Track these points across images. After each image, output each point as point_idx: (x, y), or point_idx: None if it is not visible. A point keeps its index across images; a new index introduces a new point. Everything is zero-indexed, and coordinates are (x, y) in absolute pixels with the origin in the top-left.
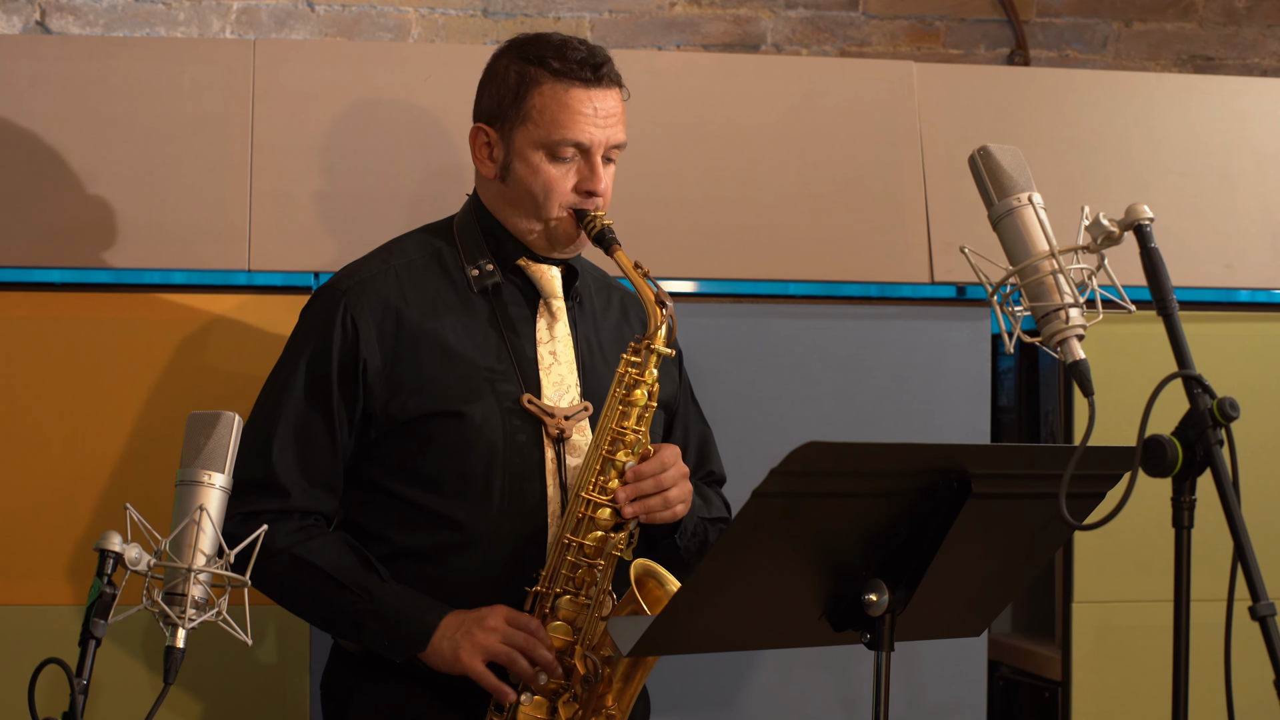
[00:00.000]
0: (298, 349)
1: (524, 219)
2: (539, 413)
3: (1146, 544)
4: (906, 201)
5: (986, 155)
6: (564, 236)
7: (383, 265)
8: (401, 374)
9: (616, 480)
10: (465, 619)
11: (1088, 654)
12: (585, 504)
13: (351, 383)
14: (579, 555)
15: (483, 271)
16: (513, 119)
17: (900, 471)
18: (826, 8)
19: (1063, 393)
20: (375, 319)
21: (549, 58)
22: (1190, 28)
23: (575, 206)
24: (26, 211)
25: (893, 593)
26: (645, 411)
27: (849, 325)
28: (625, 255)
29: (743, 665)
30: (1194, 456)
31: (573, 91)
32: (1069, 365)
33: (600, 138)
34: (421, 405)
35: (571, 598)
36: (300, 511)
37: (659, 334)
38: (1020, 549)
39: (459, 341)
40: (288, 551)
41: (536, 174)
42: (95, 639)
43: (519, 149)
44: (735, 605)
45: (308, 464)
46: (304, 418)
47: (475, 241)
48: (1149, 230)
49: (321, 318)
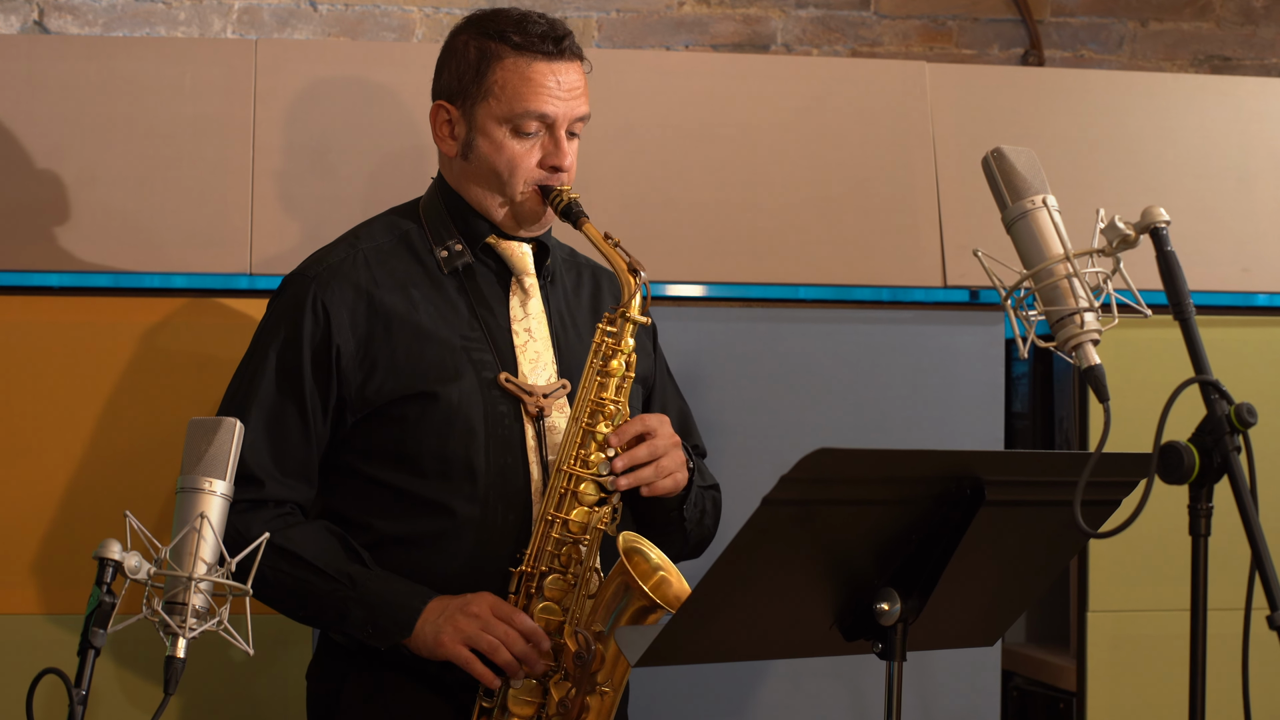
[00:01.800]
0: (267, 339)
1: (489, 196)
2: (517, 391)
3: (1163, 552)
4: (919, 204)
5: (1000, 157)
6: (530, 213)
7: (350, 250)
8: (375, 357)
9: (598, 453)
10: (449, 604)
11: (1103, 664)
12: (567, 479)
13: (325, 370)
14: (563, 531)
15: (451, 252)
16: (474, 95)
17: (912, 478)
18: (837, 7)
19: (1078, 398)
20: (346, 304)
21: (509, 32)
22: (1207, 27)
23: (541, 183)
24: (24, 215)
25: (905, 602)
26: (623, 382)
27: (860, 330)
28: (594, 227)
29: (752, 676)
30: (1211, 463)
31: (535, 65)
32: (1084, 370)
33: (564, 110)
34: (397, 387)
35: (558, 576)
36: (275, 501)
37: (634, 303)
38: (1034, 557)
39: (432, 322)
40: (268, 540)
41: (500, 150)
42: (94, 649)
43: (481, 125)
44: (744, 614)
45: (281, 454)
46: (276, 407)
47: (442, 222)
48: (1165, 233)
49: (291, 306)
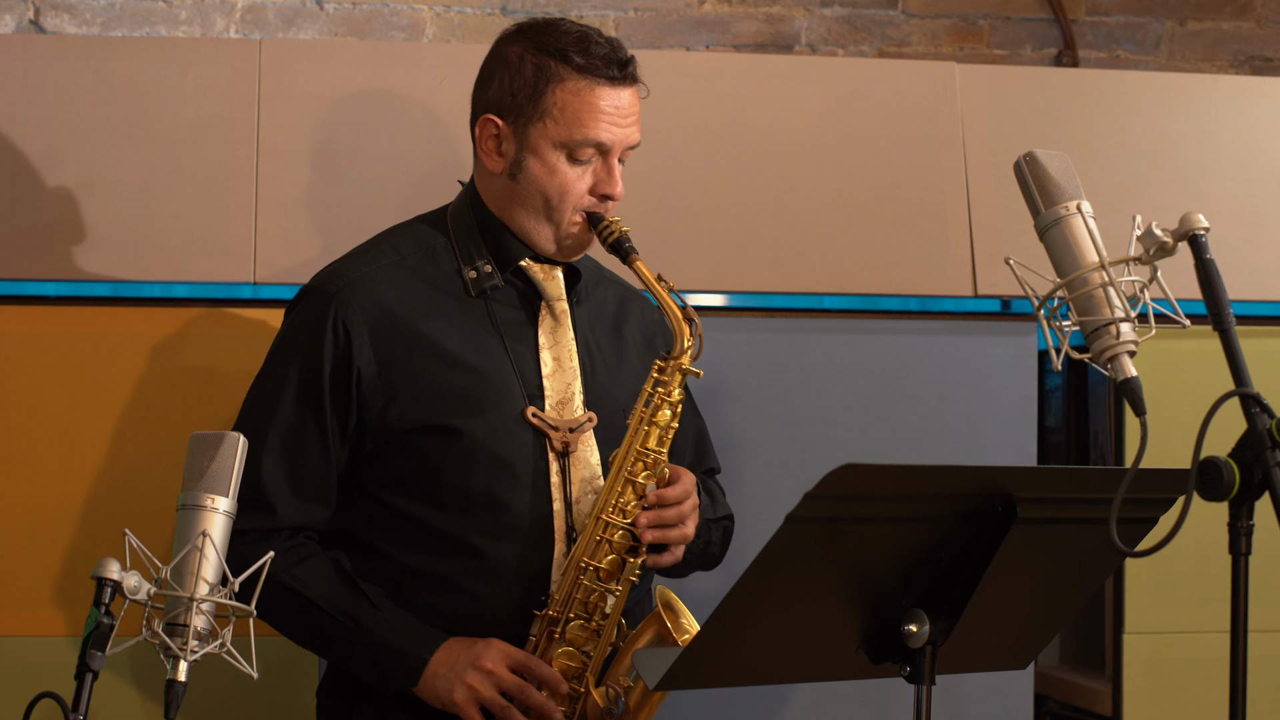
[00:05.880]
0: (285, 356)
1: (533, 219)
2: (543, 426)
3: (1202, 572)
4: (948, 210)
5: (1033, 161)
6: (577, 242)
7: (373, 264)
8: (397, 382)
9: (634, 501)
10: (458, 657)
11: (1140, 688)
12: (604, 526)
13: (344, 392)
14: (594, 579)
15: (481, 273)
16: (529, 114)
17: (942, 495)
18: (864, 6)
19: (1113, 412)
20: (368, 323)
21: (571, 51)
22: (1248, 27)
23: (589, 209)
24: (20, 221)
25: (934, 623)
26: (666, 433)
27: (888, 341)
28: (645, 266)
29: (776, 700)
30: (1252, 479)
31: (598, 90)
32: (1120, 383)
33: (620, 138)
34: (419, 416)
35: (582, 623)
36: (289, 529)
37: (687, 354)
38: (1069, 577)
39: (458, 347)
40: (274, 578)
41: (553, 174)
42: (92, 672)
43: (534, 146)
44: (767, 636)
45: (297, 478)
46: (294, 429)
47: (472, 239)
48: (1204, 240)
49: (310, 323)
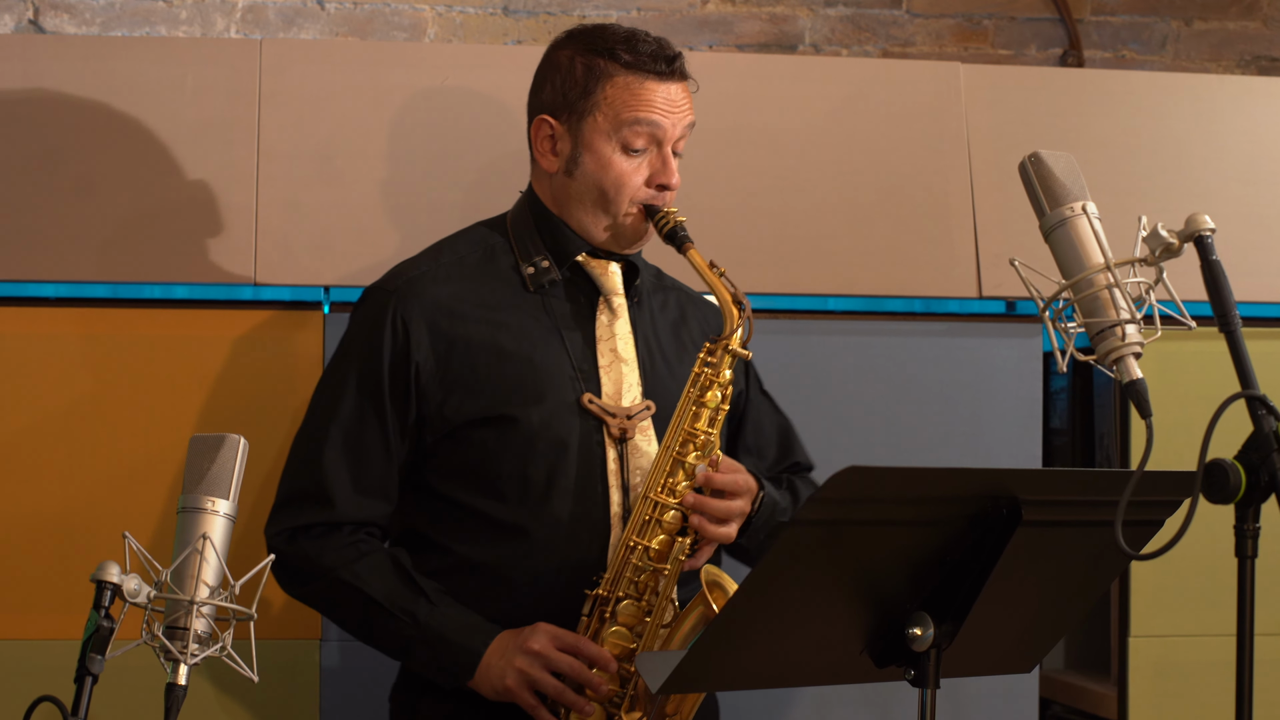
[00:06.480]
0: (347, 353)
1: (590, 214)
2: (600, 412)
3: (1208, 575)
4: (953, 211)
5: (1038, 162)
6: (633, 233)
7: (432, 263)
8: (455, 376)
9: (685, 482)
10: (509, 643)
11: (1145, 691)
12: (653, 506)
13: (404, 387)
14: (644, 558)
15: (538, 269)
16: (581, 109)
17: (946, 498)
18: (868, 6)
19: (1119, 414)
20: (426, 319)
21: (619, 49)
22: (1254, 27)
23: (647, 202)
24: (18, 222)
25: (938, 626)
26: (717, 414)
27: (892, 342)
28: (699, 254)
29: (779, 703)
30: (1258, 482)
31: (646, 83)
32: (1125, 385)
33: (672, 124)
34: (476, 408)
35: (633, 603)
36: (351, 524)
37: (736, 335)
38: (1074, 580)
39: (514, 341)
40: (333, 573)
41: (608, 167)
42: (92, 676)
43: (588, 141)
44: (771, 640)
45: (359, 472)
46: (355, 424)
47: (530, 237)
48: (1210, 242)
49: (370, 320)
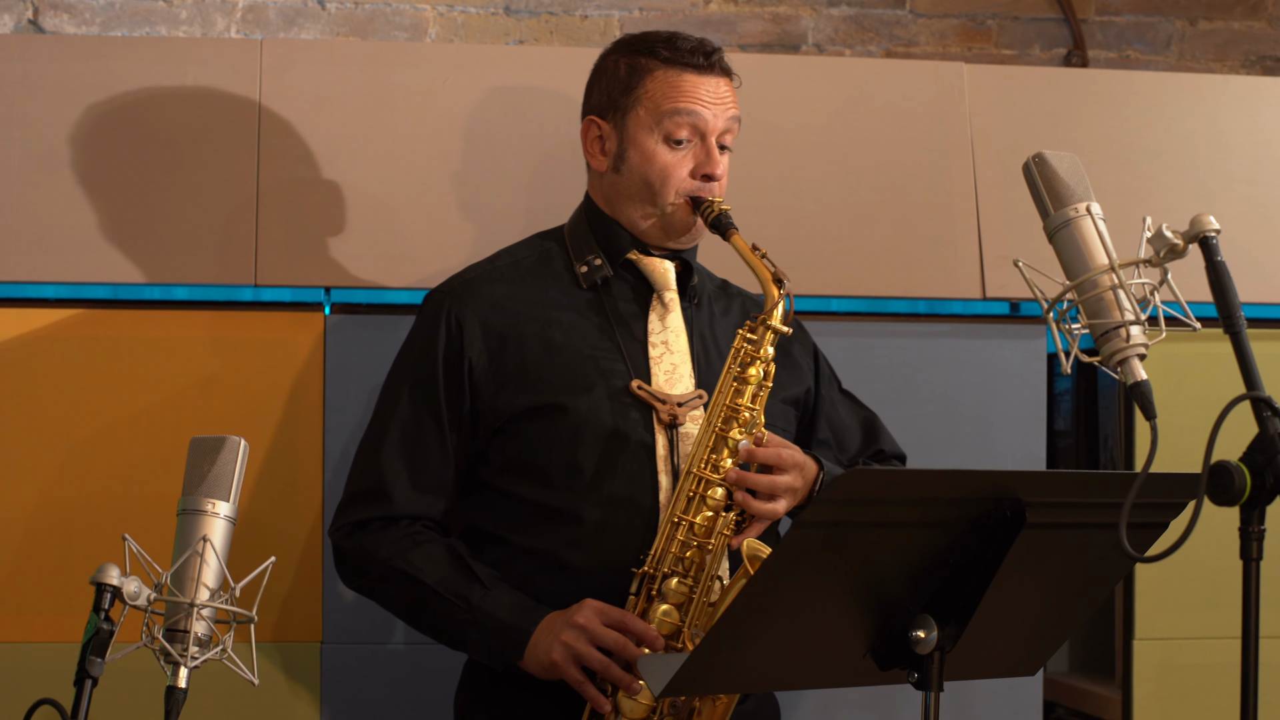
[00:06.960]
0: (406, 354)
1: (639, 207)
2: (649, 398)
3: (1213, 577)
4: (957, 212)
5: (1042, 163)
6: (680, 224)
7: (488, 266)
8: (507, 371)
9: (729, 459)
10: (557, 619)
11: (1150, 694)
12: (697, 481)
13: (458, 382)
14: (689, 534)
15: (591, 267)
16: (624, 106)
17: (950, 500)
18: (871, 6)
19: (1123, 416)
20: (480, 316)
21: (659, 47)
22: (1259, 27)
23: (693, 193)
24: (18, 223)
25: (942, 629)
26: (760, 390)
27: (895, 344)
28: (742, 239)
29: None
30: (1263, 484)
31: (685, 76)
32: (1130, 386)
33: (713, 115)
34: (526, 400)
35: (680, 580)
36: (407, 518)
37: (775, 312)
38: (1078, 582)
39: (564, 335)
40: (388, 562)
41: (652, 160)
42: (91, 678)
43: (633, 136)
44: (774, 642)
45: (416, 469)
46: (412, 421)
47: (584, 238)
48: (1215, 243)
49: (427, 321)
